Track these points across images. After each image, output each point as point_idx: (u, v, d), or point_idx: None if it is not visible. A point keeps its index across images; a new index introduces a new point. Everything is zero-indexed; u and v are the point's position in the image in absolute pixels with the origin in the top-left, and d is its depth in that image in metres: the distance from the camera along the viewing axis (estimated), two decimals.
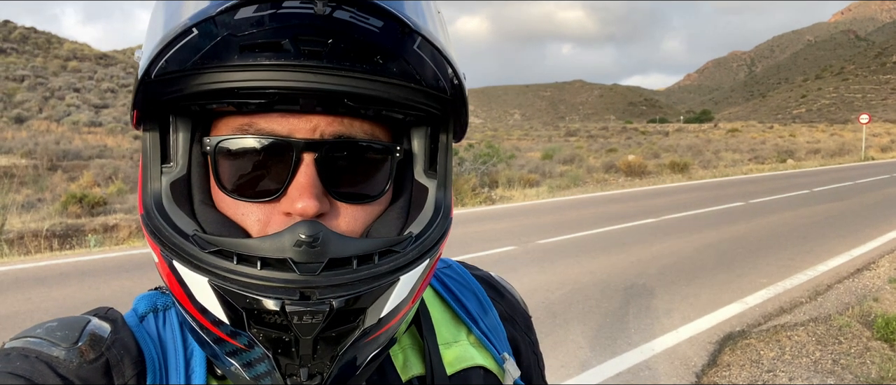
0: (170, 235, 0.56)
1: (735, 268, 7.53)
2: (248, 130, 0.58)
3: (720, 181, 20.31)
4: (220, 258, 0.54)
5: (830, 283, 6.89)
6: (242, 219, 0.59)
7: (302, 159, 0.58)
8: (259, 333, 0.55)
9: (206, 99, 0.56)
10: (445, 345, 0.77)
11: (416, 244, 0.61)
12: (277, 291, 0.53)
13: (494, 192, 17.00)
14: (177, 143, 0.60)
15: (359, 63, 0.53)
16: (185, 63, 0.52)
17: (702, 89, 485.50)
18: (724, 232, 10.07)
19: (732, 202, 13.90)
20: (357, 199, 0.61)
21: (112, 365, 0.60)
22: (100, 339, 0.61)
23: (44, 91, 54.27)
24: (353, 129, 0.60)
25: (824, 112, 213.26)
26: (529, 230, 10.40)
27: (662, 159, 27.80)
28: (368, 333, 0.58)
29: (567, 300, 6.14)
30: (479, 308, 0.84)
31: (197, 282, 0.55)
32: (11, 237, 10.15)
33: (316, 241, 0.53)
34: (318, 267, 0.54)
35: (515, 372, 0.79)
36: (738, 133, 69.59)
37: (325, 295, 0.54)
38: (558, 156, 30.91)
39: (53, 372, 0.57)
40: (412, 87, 0.57)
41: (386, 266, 0.57)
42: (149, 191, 0.59)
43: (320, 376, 0.57)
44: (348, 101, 0.56)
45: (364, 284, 0.56)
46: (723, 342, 5.13)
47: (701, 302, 6.14)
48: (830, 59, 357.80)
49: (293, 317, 0.53)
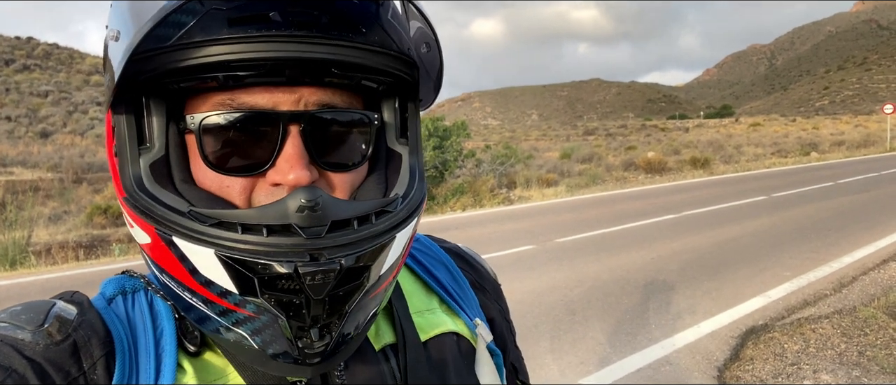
0: (163, 213, 0.57)
1: (757, 262, 7.43)
2: (231, 105, 0.59)
3: (742, 176, 20.06)
4: (223, 229, 0.55)
5: (855, 274, 6.77)
6: (228, 193, 0.60)
7: (288, 131, 0.59)
8: (271, 298, 0.56)
9: (195, 73, 0.56)
10: (418, 313, 0.79)
11: (404, 203, 0.64)
12: (288, 255, 0.54)
13: (512, 192, 16.96)
14: (152, 124, 0.60)
15: (345, 32, 0.56)
16: (169, 40, 0.53)
17: (721, 84, 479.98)
18: (747, 226, 9.94)
19: (755, 196, 13.73)
20: (341, 167, 0.63)
21: (80, 346, 0.60)
22: (66, 320, 0.61)
23: (67, 105, 55.26)
24: (335, 98, 0.62)
25: (848, 103, 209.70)
26: (548, 229, 10.36)
27: (682, 155, 27.52)
28: (370, 291, 0.61)
29: (586, 297, 6.11)
30: (450, 278, 0.86)
31: (201, 255, 0.55)
32: (39, 249, 10.35)
33: (317, 206, 0.55)
34: (322, 230, 0.56)
35: (487, 336, 0.81)
36: (760, 127, 68.67)
37: (334, 255, 0.55)
38: (576, 155, 30.74)
39: (19, 354, 0.57)
40: (391, 54, 0.61)
41: (383, 225, 0.60)
42: (129, 173, 0.59)
43: (329, 336, 0.59)
44: (335, 69, 0.58)
45: (367, 243, 0.58)
46: (745, 336, 5.07)
47: (723, 296, 6.08)
48: (852, 49, 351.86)
49: (306, 278, 0.54)
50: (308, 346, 0.59)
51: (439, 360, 0.76)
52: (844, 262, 7.26)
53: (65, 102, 56.03)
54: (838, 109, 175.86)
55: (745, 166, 24.08)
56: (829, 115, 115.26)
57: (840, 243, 8.32)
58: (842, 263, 7.22)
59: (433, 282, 0.84)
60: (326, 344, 0.59)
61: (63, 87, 60.75)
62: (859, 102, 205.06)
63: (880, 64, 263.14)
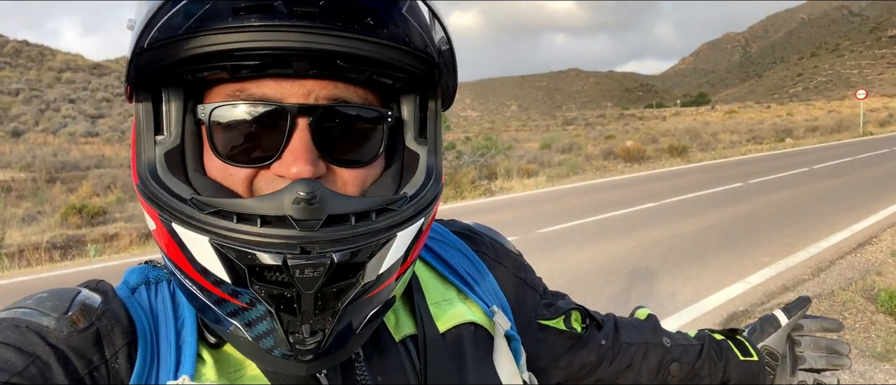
0: (167, 200, 0.57)
1: (737, 248, 7.51)
2: (241, 96, 0.59)
3: (719, 163, 20.30)
4: (220, 218, 0.55)
5: (833, 259, 6.88)
6: (234, 182, 0.60)
7: (296, 124, 0.58)
8: (261, 290, 0.55)
9: (200, 63, 0.56)
10: (435, 304, 0.78)
11: (411, 203, 0.62)
12: (279, 247, 0.54)
13: (493, 183, 16.97)
14: (170, 113, 0.61)
15: (350, 24, 0.55)
16: (178, 29, 0.53)
17: (697, 72, 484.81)
18: (725, 213, 10.05)
19: (732, 183, 13.88)
20: (351, 164, 0.62)
21: (102, 334, 0.60)
22: (90, 308, 0.62)
23: (39, 103, 54.20)
24: (347, 93, 0.61)
25: (821, 89, 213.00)
26: (530, 220, 10.38)
27: (661, 144, 27.73)
28: (368, 290, 0.59)
29: (569, 288, 6.11)
30: (467, 264, 0.86)
31: (197, 242, 0.55)
32: (12, 251, 10.14)
33: (314, 199, 0.54)
34: (317, 223, 0.55)
35: (505, 324, 0.80)
36: (736, 114, 69.56)
37: (325, 249, 0.54)
38: (556, 145, 30.86)
39: (43, 341, 0.57)
40: (402, 49, 0.58)
41: (382, 222, 0.59)
42: (144, 160, 0.60)
43: (322, 333, 0.58)
44: (341, 62, 0.57)
45: (362, 239, 0.57)
46: (727, 322, 5.11)
47: (704, 283, 6.13)
48: (825, 36, 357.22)
49: (295, 271, 0.53)
50: (300, 342, 0.58)
51: (457, 351, 0.76)
52: (822, 247, 7.37)
53: (36, 100, 54.95)
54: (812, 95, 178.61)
55: (721, 153, 24.36)
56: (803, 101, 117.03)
57: (817, 228, 8.44)
58: (819, 248, 7.33)
59: (449, 271, 0.83)
60: (319, 341, 0.58)
61: (34, 85, 59.57)
62: (832, 88, 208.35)
63: (852, 50, 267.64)
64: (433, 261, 0.84)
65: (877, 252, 7.04)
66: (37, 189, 19.15)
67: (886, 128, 37.20)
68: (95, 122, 50.02)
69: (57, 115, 50.93)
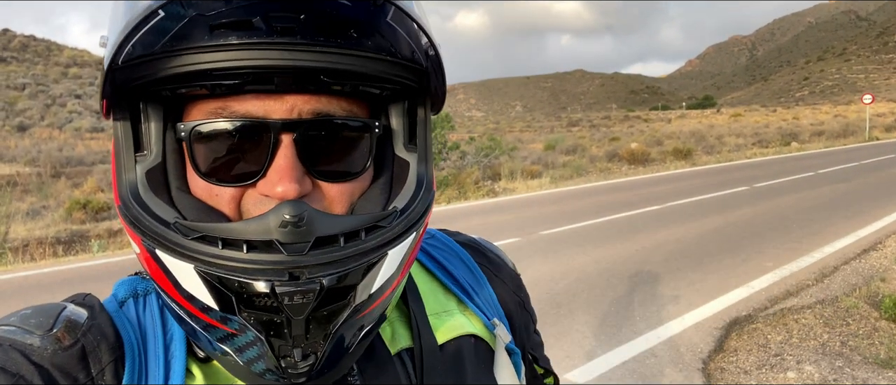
0: (150, 224, 0.55)
1: (740, 252, 7.48)
2: (223, 113, 0.57)
3: (724, 166, 20.23)
4: (205, 244, 0.53)
5: (837, 264, 6.84)
6: (218, 202, 0.58)
7: (280, 141, 0.56)
8: (250, 317, 0.54)
9: (178, 82, 0.54)
10: (434, 315, 0.76)
11: (401, 218, 0.60)
12: (266, 273, 0.52)
13: (497, 184, 16.96)
14: (149, 130, 0.59)
15: (333, 38, 0.52)
16: (154, 46, 0.51)
17: (703, 75, 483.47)
18: (729, 217, 10.01)
19: (736, 187, 13.83)
20: (338, 178, 0.60)
21: (88, 351, 0.59)
22: (76, 324, 0.60)
23: (45, 99, 54.41)
24: (331, 106, 0.59)
25: (827, 94, 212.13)
26: (533, 221, 10.36)
27: (665, 146, 27.66)
28: (359, 310, 0.58)
29: (571, 290, 6.11)
30: (468, 274, 0.84)
31: (182, 269, 0.54)
32: (16, 245, 10.17)
33: (301, 221, 0.52)
34: (305, 247, 0.53)
35: (506, 337, 0.78)
36: (741, 117, 69.32)
37: (315, 274, 0.53)
38: (560, 146, 30.80)
39: (27, 360, 0.56)
40: (388, 60, 0.56)
41: (373, 242, 0.57)
42: (124, 181, 0.58)
43: (314, 356, 0.57)
44: (324, 77, 0.54)
45: (353, 261, 0.55)
46: (729, 327, 5.09)
47: (707, 288, 6.10)
48: (832, 40, 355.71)
49: (284, 298, 0.52)
50: (292, 366, 0.56)
51: (456, 364, 0.74)
52: (826, 252, 7.33)
53: (42, 95, 55.15)
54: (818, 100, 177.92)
55: (726, 157, 24.28)
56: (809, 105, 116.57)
57: (821, 233, 8.40)
58: (823, 253, 7.29)
59: (450, 280, 0.81)
60: (311, 364, 0.57)
61: (40, 80, 59.77)
62: (839, 93, 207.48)
63: (859, 55, 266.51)
64: (434, 269, 0.82)
65: (881, 258, 7.00)
66: (42, 184, 19.21)
67: (892, 133, 37.02)
68: (101, 117, 50.13)
69: (63, 110, 51.10)
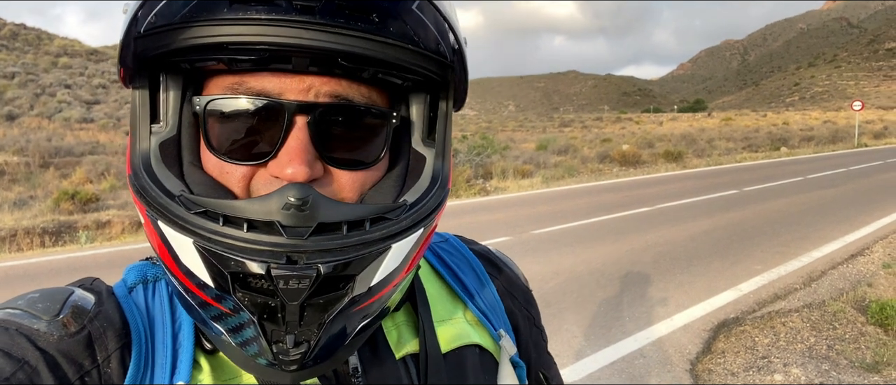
0: (156, 195, 0.54)
1: (729, 255, 7.52)
2: (239, 89, 0.56)
3: (714, 169, 20.32)
4: (207, 219, 0.52)
5: (824, 269, 6.89)
6: (230, 180, 0.57)
7: (294, 122, 0.55)
8: (244, 298, 0.53)
9: (195, 54, 0.53)
10: (441, 322, 0.76)
11: (410, 212, 0.59)
12: (263, 255, 0.51)
13: (489, 183, 16.96)
14: (167, 102, 0.58)
15: (354, 21, 0.51)
16: (174, 16, 0.51)
17: (695, 78, 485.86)
18: (719, 220, 10.07)
19: (726, 190, 13.90)
20: (351, 166, 0.59)
21: (94, 338, 0.58)
22: (83, 310, 0.59)
23: (35, 88, 53.88)
24: (350, 91, 0.57)
25: (817, 99, 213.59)
26: (524, 221, 10.38)
27: (657, 149, 27.78)
28: (358, 302, 0.56)
29: (562, 290, 6.13)
30: (477, 283, 0.83)
31: (182, 243, 0.53)
32: (3, 235, 10.08)
33: (305, 205, 0.51)
34: (306, 231, 0.52)
35: (511, 349, 0.78)
36: (732, 121, 69.66)
37: (313, 260, 0.52)
38: (553, 146, 30.84)
39: (33, 345, 0.55)
40: (411, 49, 0.54)
41: (377, 233, 0.55)
42: (137, 150, 0.57)
43: (307, 344, 0.55)
44: (342, 60, 0.53)
45: (353, 251, 0.54)
46: (717, 329, 5.12)
47: (695, 289, 6.13)
48: (823, 46, 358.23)
49: (279, 281, 0.51)
50: (283, 352, 0.55)
51: (459, 374, 0.73)
52: (814, 257, 7.39)
53: (32, 84, 54.61)
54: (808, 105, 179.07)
55: (717, 160, 24.40)
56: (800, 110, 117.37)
57: (810, 237, 8.46)
58: (811, 258, 7.34)
59: (459, 287, 0.80)
60: (304, 352, 0.56)
61: (30, 69, 59.20)
62: (829, 99, 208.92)
63: (850, 61, 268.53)
64: (445, 273, 0.81)
65: (868, 263, 7.06)
66: (30, 173, 19.03)
67: (881, 140, 37.34)
68: (91, 108, 49.76)
69: (52, 99, 50.64)
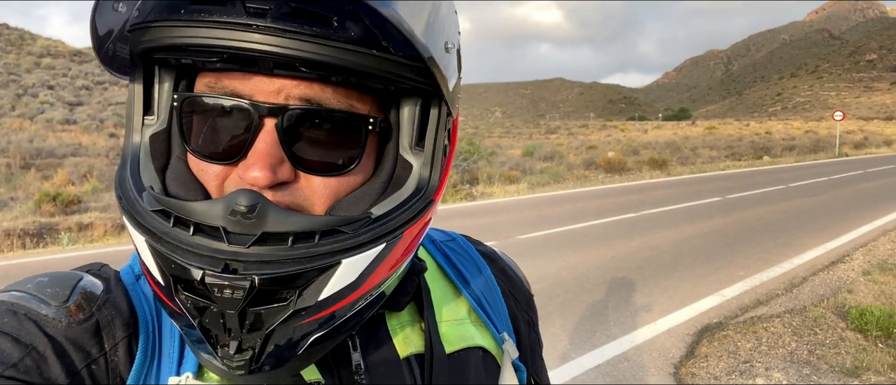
0: (128, 188, 0.55)
1: (713, 261, 7.59)
2: (215, 88, 0.55)
3: (698, 177, 20.51)
4: (162, 218, 0.52)
5: (806, 275, 6.98)
6: (206, 178, 0.57)
7: (262, 125, 0.53)
8: (187, 300, 0.52)
9: (162, 53, 0.54)
10: (446, 323, 0.75)
11: (370, 226, 0.55)
12: (202, 260, 0.50)
13: (475, 188, 16.99)
14: (160, 95, 0.59)
15: (309, 25, 0.48)
16: (145, 15, 0.52)
17: (680, 87, 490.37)
18: (702, 226, 10.16)
19: (710, 197, 14.04)
20: (322, 171, 0.56)
21: (102, 325, 0.58)
22: (92, 297, 0.59)
23: (16, 88, 53.20)
24: (325, 95, 0.54)
25: (799, 109, 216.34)
26: (510, 226, 10.40)
27: (641, 156, 27.96)
28: (304, 315, 0.53)
29: (547, 294, 6.15)
30: (483, 284, 0.83)
31: (138, 240, 0.53)
32: None
33: (251, 212, 0.50)
34: (249, 239, 0.50)
35: (514, 352, 0.78)
36: (716, 130, 70.33)
37: (250, 270, 0.50)
38: (539, 153, 30.96)
39: (41, 331, 0.55)
40: (374, 55, 0.50)
41: (325, 247, 0.52)
42: (129, 142, 0.58)
43: (252, 351, 0.53)
44: (301, 66, 0.51)
45: (294, 264, 0.51)
46: (700, 334, 5.16)
47: (679, 295, 6.18)
48: (805, 57, 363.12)
49: (213, 289, 0.49)
50: (227, 356, 0.53)
51: (463, 376, 0.73)
52: (795, 263, 7.47)
53: (14, 85, 53.93)
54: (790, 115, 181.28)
55: (700, 168, 24.63)
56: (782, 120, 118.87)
57: (791, 245, 8.56)
58: (793, 264, 7.43)
59: (464, 288, 0.80)
60: (249, 359, 0.53)
61: (12, 70, 58.47)
62: (810, 109, 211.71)
63: (831, 72, 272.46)
64: (452, 273, 0.81)
65: (849, 270, 7.15)
66: (10, 175, 18.78)
67: (861, 150, 37.91)
68: (74, 109, 49.21)
69: (34, 100, 50.02)
